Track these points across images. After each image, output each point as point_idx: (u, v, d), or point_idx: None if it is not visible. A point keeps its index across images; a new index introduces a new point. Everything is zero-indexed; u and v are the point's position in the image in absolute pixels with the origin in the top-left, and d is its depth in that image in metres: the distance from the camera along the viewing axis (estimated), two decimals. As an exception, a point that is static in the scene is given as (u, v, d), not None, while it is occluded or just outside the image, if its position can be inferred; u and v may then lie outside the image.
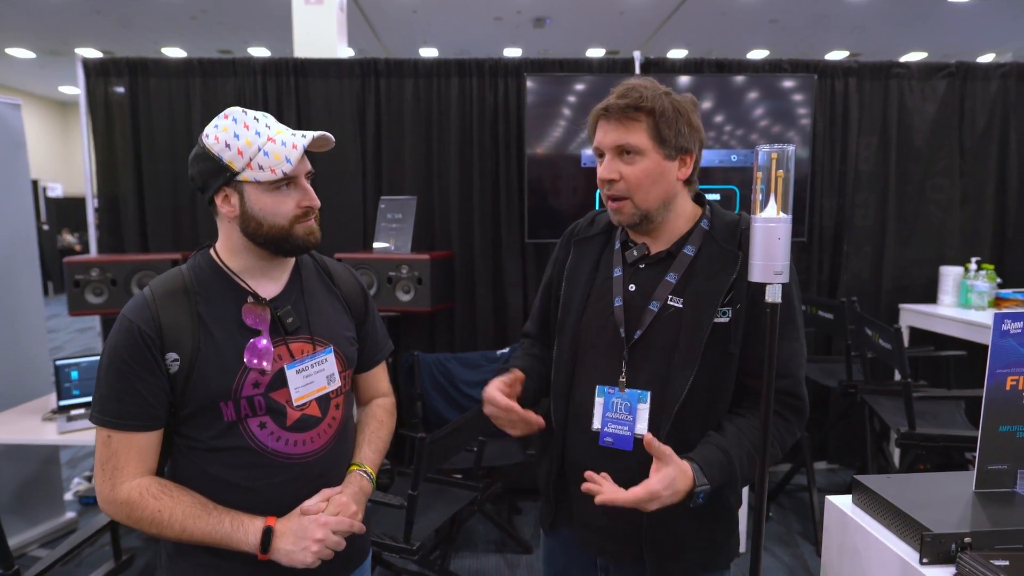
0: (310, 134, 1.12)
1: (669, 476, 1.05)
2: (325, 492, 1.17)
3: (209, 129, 1.11)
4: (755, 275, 0.91)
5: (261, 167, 1.08)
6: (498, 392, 1.20)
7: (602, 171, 1.18)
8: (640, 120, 1.15)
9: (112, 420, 1.08)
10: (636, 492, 1.05)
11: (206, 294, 1.14)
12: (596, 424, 1.21)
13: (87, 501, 3.31)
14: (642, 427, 1.17)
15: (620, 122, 1.16)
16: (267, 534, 1.08)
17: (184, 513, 1.07)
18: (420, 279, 2.93)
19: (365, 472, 1.26)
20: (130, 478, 1.08)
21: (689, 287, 1.17)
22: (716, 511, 1.22)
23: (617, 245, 1.27)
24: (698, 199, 1.26)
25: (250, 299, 1.15)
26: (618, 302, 1.21)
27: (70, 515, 3.07)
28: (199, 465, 1.13)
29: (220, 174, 1.09)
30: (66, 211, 12.57)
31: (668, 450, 1.07)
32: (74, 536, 1.72)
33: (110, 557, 2.11)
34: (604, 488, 1.08)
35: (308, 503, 1.14)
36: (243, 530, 1.08)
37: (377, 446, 1.32)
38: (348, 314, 1.29)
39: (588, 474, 1.11)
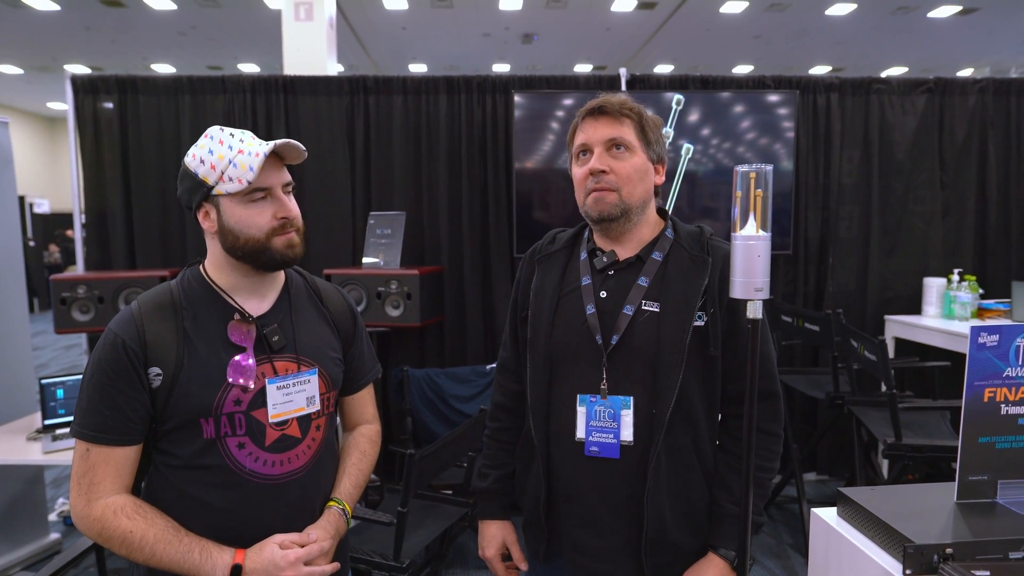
0: (274, 142, 1.13)
1: None
2: (297, 535, 1.15)
3: (191, 149, 1.14)
4: (736, 292, 0.93)
5: (231, 179, 1.10)
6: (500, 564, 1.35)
7: (594, 161, 1.20)
8: (631, 118, 1.22)
9: (91, 433, 1.08)
10: None
11: (193, 310, 1.14)
12: (580, 434, 1.20)
13: (71, 522, 3.26)
14: (627, 433, 1.18)
15: (615, 118, 1.21)
16: (235, 572, 1.07)
17: (155, 537, 1.06)
18: (409, 294, 2.94)
19: (342, 509, 1.25)
20: (106, 494, 1.08)
21: (663, 292, 1.19)
22: (705, 510, 1.23)
23: (583, 255, 1.28)
24: (660, 212, 1.31)
25: (236, 316, 1.15)
26: (591, 309, 1.21)
27: (54, 536, 3.02)
28: (175, 483, 1.12)
29: (198, 190, 1.12)
30: (53, 227, 12.47)
31: None
32: (58, 558, 1.70)
33: (95, 578, 2.08)
34: None
35: (282, 536, 1.13)
36: (211, 563, 1.07)
37: (357, 480, 1.30)
38: (335, 335, 1.29)
39: None
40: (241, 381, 1.12)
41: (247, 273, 1.17)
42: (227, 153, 1.11)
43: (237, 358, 1.13)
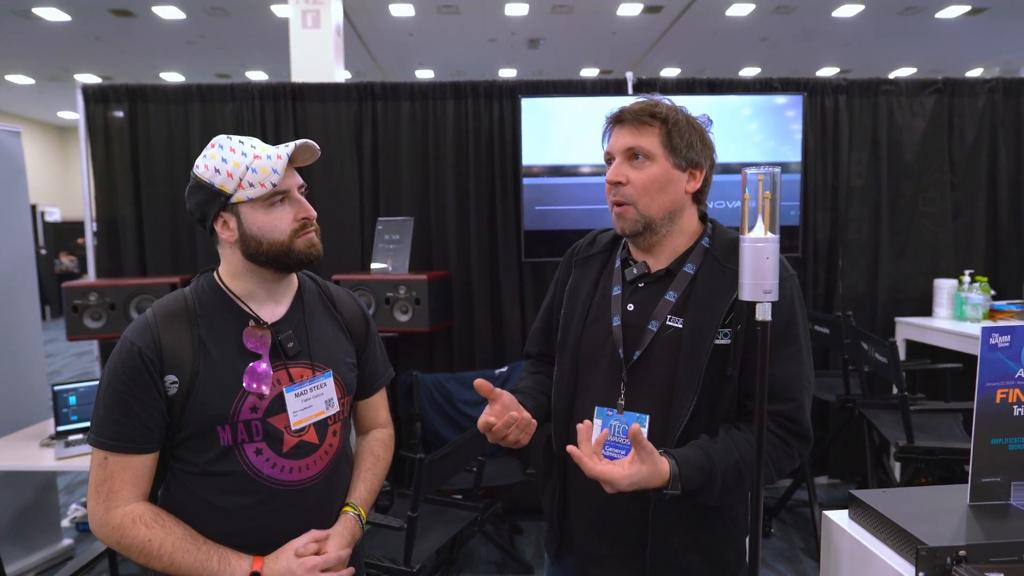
0: (292, 144, 1.13)
1: (641, 475, 1.02)
2: (315, 534, 1.16)
3: (199, 160, 1.13)
4: (745, 294, 0.93)
5: (251, 184, 1.10)
6: (489, 417, 1.13)
7: (610, 173, 1.18)
8: (653, 126, 1.16)
9: (108, 442, 1.08)
10: (603, 472, 1.02)
11: (208, 317, 1.14)
12: None
13: (84, 528, 3.28)
14: None
15: (634, 126, 1.17)
16: None
17: (174, 545, 1.07)
18: (418, 299, 2.95)
19: (357, 514, 1.25)
20: (124, 502, 1.08)
21: (689, 307, 1.15)
22: (722, 539, 1.20)
23: (617, 263, 1.25)
24: (702, 218, 1.25)
25: (251, 323, 1.16)
26: (616, 322, 1.19)
27: (67, 542, 3.04)
28: (193, 489, 1.13)
29: (215, 200, 1.11)
30: (64, 235, 12.60)
31: (652, 449, 1.03)
32: (71, 563, 1.70)
33: (108, 584, 2.09)
34: (583, 453, 1.05)
35: (298, 544, 1.13)
36: (229, 570, 1.08)
37: (371, 484, 1.31)
38: (349, 340, 1.29)
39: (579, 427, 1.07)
40: (255, 387, 1.13)
41: (265, 279, 1.17)
42: (242, 160, 1.10)
43: (252, 365, 1.14)
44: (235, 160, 1.10)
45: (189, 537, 1.09)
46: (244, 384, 1.12)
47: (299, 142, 1.13)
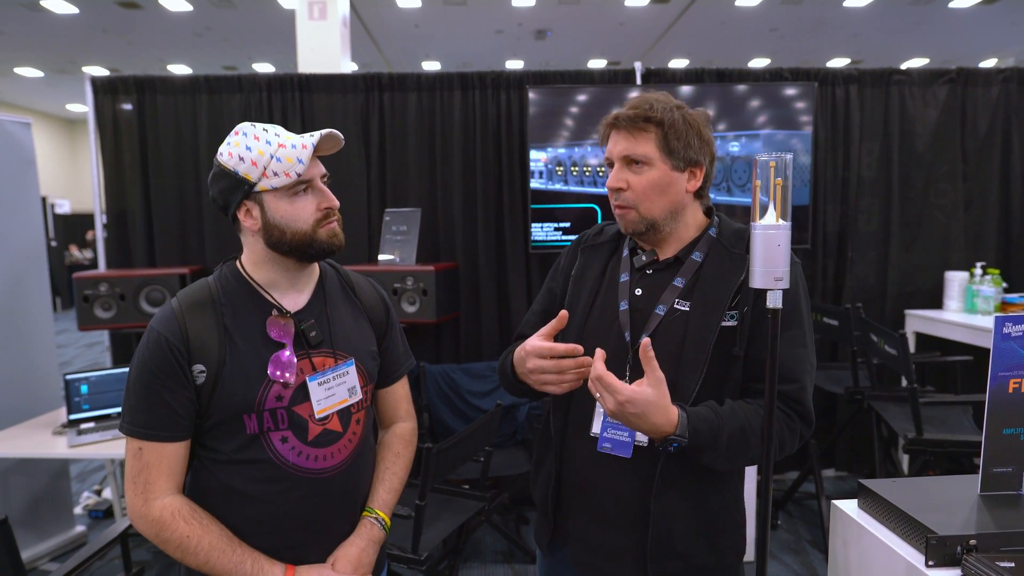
0: (318, 133, 1.13)
1: (645, 397, 1.02)
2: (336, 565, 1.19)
3: (222, 148, 1.13)
4: (756, 281, 0.93)
5: (276, 173, 1.10)
6: (542, 341, 1.14)
7: (610, 180, 1.20)
8: (649, 131, 1.16)
9: (142, 430, 1.09)
10: (608, 378, 1.03)
11: (232, 306, 1.15)
12: (595, 429, 1.19)
13: (96, 515, 3.32)
14: (644, 435, 1.14)
15: (629, 132, 1.17)
16: None
17: (211, 544, 1.08)
18: (425, 290, 2.95)
19: (378, 519, 1.26)
20: (162, 494, 1.09)
21: (696, 291, 1.17)
22: (723, 523, 1.20)
23: (625, 252, 1.27)
24: (707, 212, 1.26)
25: (275, 312, 1.16)
26: (624, 306, 1.20)
27: (80, 529, 3.08)
28: (219, 477, 1.14)
29: (239, 188, 1.11)
30: (74, 227, 12.67)
31: (662, 378, 1.03)
32: (84, 550, 1.72)
33: (120, 570, 2.12)
34: (599, 366, 1.06)
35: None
36: (262, 575, 1.10)
37: (391, 483, 1.31)
38: (370, 328, 1.30)
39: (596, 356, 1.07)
40: (280, 376, 1.13)
41: (288, 268, 1.17)
42: (267, 148, 1.10)
43: (277, 354, 1.14)
44: (259, 148, 1.10)
45: (225, 538, 1.10)
46: (269, 373, 1.13)
47: (324, 132, 1.13)
